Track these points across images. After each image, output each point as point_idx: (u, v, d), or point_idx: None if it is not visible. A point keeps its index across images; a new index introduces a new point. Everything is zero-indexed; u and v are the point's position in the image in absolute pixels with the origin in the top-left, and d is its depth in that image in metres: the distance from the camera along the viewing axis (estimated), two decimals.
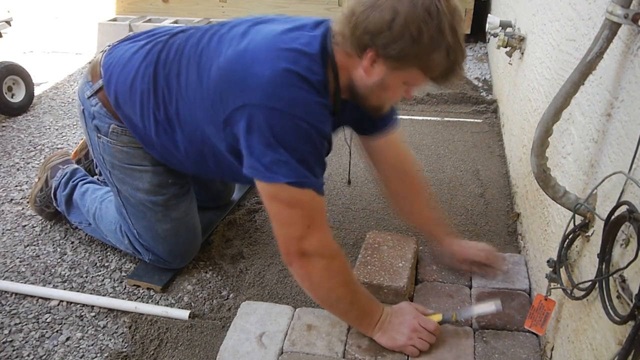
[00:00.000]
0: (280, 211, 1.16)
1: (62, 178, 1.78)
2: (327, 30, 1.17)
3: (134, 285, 1.60)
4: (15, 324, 1.47)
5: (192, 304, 1.53)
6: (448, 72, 1.10)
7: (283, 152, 1.10)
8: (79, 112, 1.52)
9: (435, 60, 1.06)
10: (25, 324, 1.47)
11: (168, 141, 1.39)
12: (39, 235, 1.83)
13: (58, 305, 1.54)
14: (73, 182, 1.77)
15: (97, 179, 1.98)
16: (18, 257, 1.73)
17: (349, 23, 1.08)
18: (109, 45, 1.50)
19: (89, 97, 1.45)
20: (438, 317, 1.28)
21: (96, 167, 1.94)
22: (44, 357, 1.37)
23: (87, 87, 1.46)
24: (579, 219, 1.00)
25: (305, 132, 1.11)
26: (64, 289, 1.59)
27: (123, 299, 1.55)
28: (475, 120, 2.55)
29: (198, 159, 1.40)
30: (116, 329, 1.45)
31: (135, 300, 1.54)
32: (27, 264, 1.70)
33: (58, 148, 2.41)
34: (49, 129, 2.60)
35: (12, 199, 2.02)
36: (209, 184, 1.83)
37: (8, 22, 2.97)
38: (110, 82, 1.42)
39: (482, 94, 2.91)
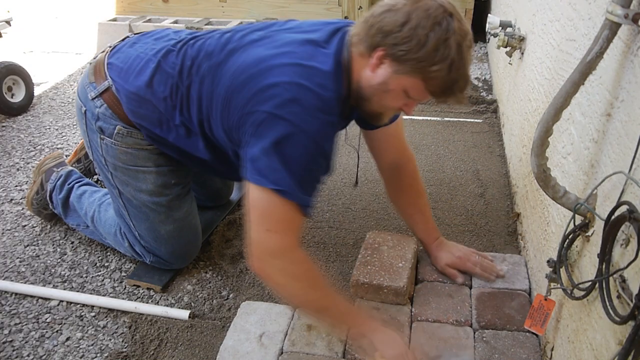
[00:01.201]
0: (261, 212, 1.17)
1: (57, 181, 1.77)
2: (342, 40, 1.20)
3: (134, 285, 1.60)
4: (15, 324, 1.47)
5: (192, 304, 1.53)
6: (447, 89, 1.13)
7: (277, 161, 1.12)
8: (78, 113, 1.50)
9: (437, 72, 1.10)
10: (25, 324, 1.47)
11: (188, 144, 1.40)
12: (39, 235, 1.83)
13: (58, 305, 1.54)
14: (69, 184, 1.76)
15: (97, 180, 1.98)
16: (18, 257, 1.73)
17: (366, 23, 1.14)
18: (110, 46, 1.49)
19: (93, 99, 1.43)
20: None
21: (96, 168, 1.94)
22: (44, 357, 1.37)
23: (91, 88, 1.44)
24: (579, 219, 1.00)
25: (305, 147, 1.13)
26: (64, 289, 1.59)
27: (123, 299, 1.55)
28: (475, 120, 2.55)
29: (219, 158, 1.42)
30: (116, 329, 1.45)
31: (135, 300, 1.54)
32: (27, 264, 1.70)
33: (58, 148, 2.41)
34: (49, 129, 2.60)
35: (12, 199, 2.02)
36: (209, 182, 1.83)
37: (8, 22, 2.97)
38: (121, 86, 1.40)
39: (482, 94, 2.91)
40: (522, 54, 2.02)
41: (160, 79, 1.35)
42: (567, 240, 1.03)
